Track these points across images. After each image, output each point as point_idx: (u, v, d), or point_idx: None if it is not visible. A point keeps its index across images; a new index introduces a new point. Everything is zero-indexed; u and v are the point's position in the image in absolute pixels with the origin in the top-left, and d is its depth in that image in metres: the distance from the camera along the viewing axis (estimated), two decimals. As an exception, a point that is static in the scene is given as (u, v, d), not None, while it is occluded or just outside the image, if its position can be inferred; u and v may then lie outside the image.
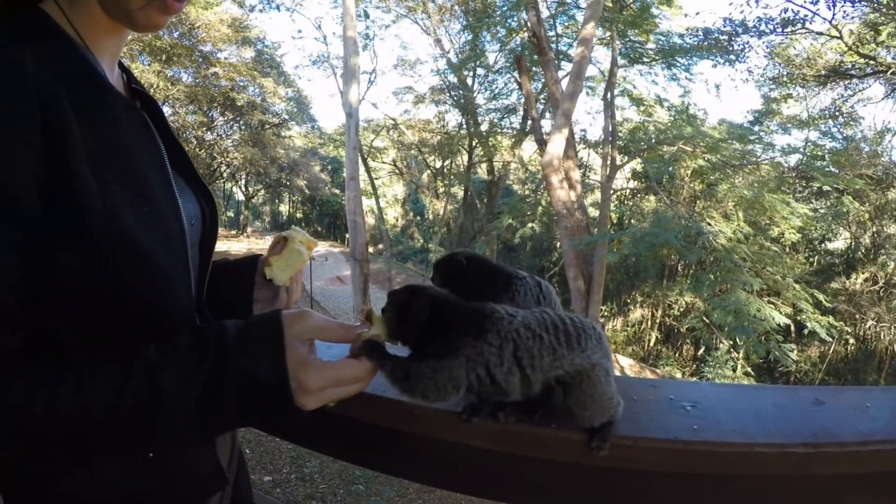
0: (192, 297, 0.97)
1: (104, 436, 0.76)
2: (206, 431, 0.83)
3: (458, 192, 25.79)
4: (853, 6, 13.56)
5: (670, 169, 16.67)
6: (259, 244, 28.98)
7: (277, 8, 21.91)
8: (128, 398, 0.73)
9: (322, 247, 32.21)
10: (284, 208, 45.57)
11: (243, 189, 36.04)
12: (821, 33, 15.03)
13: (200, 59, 21.88)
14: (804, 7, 13.63)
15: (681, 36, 16.43)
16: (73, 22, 0.83)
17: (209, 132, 25.92)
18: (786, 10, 13.85)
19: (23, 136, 0.71)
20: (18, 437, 0.72)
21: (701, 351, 19.08)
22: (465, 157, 23.59)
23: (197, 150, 25.54)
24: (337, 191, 35.74)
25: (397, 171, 29.66)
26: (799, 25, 14.09)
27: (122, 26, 0.90)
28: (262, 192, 38.27)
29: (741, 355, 15.99)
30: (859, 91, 17.64)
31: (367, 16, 21.40)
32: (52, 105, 0.73)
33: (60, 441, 0.75)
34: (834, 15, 13.57)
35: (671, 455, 0.99)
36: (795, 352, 14.07)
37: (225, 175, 33.64)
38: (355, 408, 1.11)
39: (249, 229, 36.17)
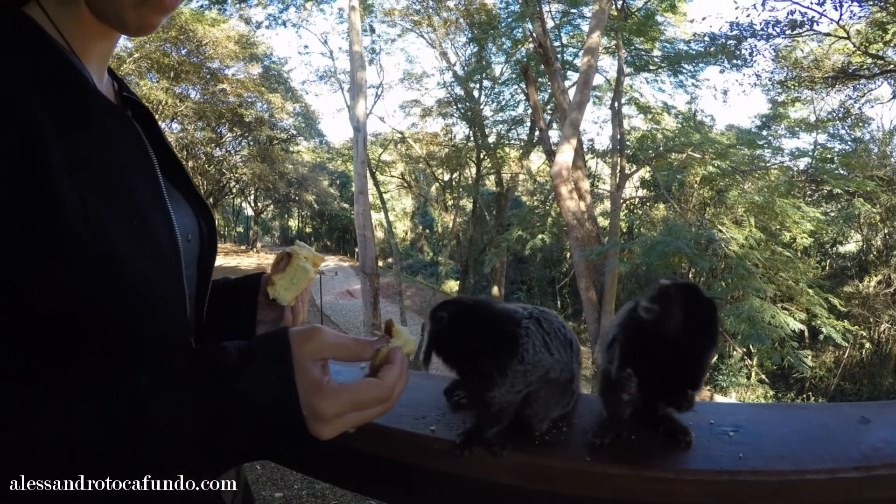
0: (189, 319, 0.89)
1: (81, 482, 0.63)
2: (206, 471, 0.72)
3: (467, 204, 25.82)
4: (860, 6, 13.51)
5: (679, 176, 16.61)
6: (269, 259, 29.08)
7: (284, 24, 22.24)
8: (108, 436, 0.63)
9: (332, 261, 32.40)
10: (294, 223, 45.74)
11: (252, 204, 36.23)
12: (828, 34, 15.01)
13: (208, 76, 22.12)
14: (811, 8, 13.59)
15: (686, 42, 16.45)
16: (59, 26, 0.78)
17: (218, 148, 26.11)
18: (793, 12, 13.81)
19: None
20: None
21: (714, 359, 18.87)
22: (474, 170, 23.63)
23: (206, 165, 25.77)
24: (346, 205, 35.86)
25: (406, 185, 29.66)
26: (806, 27, 14.03)
27: (112, 30, 0.84)
28: (272, 207, 38.54)
29: (755, 362, 15.80)
30: (867, 92, 17.60)
31: (372, 30, 21.65)
32: (26, 113, 0.66)
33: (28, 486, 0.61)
34: (841, 15, 13.53)
35: (717, 487, 0.91)
36: (810, 358, 13.87)
37: (234, 191, 33.88)
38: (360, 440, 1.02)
39: (259, 244, 36.31)
